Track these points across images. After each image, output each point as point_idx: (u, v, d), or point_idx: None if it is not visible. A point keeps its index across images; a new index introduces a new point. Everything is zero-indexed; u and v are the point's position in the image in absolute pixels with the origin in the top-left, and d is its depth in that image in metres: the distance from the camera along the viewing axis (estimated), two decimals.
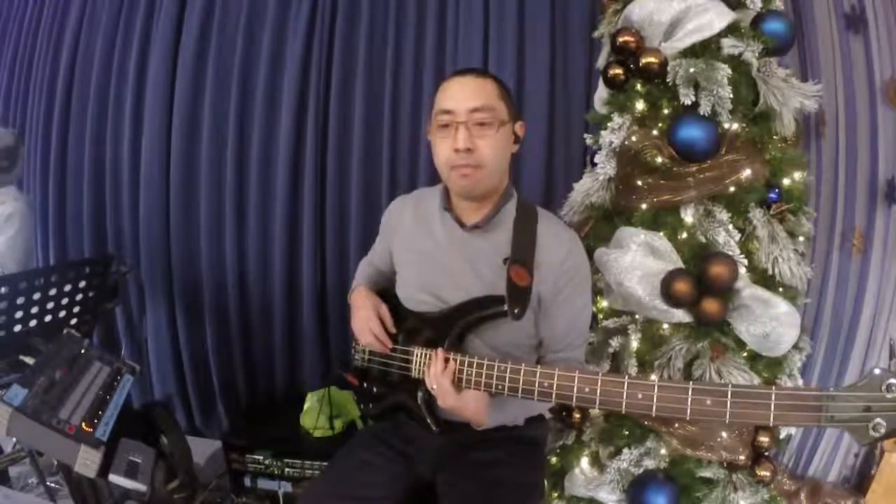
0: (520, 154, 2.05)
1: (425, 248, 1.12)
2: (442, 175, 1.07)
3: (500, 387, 0.93)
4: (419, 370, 1.05)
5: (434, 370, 0.98)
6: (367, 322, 1.12)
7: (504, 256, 1.03)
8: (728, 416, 0.70)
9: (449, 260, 1.09)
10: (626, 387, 0.78)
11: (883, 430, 0.60)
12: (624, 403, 0.78)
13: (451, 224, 1.09)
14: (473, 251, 1.07)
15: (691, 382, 0.74)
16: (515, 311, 0.99)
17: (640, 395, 0.77)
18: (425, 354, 1.04)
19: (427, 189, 1.22)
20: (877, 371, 0.62)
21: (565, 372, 0.87)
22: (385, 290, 1.20)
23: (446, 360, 0.98)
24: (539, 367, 0.90)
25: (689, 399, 0.72)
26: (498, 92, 1.03)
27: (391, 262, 1.22)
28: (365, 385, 1.21)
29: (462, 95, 1.01)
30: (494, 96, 1.02)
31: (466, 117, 0.99)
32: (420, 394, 1.06)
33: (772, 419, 0.67)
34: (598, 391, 0.81)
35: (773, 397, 0.66)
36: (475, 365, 0.96)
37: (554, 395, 0.87)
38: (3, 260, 1.80)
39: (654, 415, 0.77)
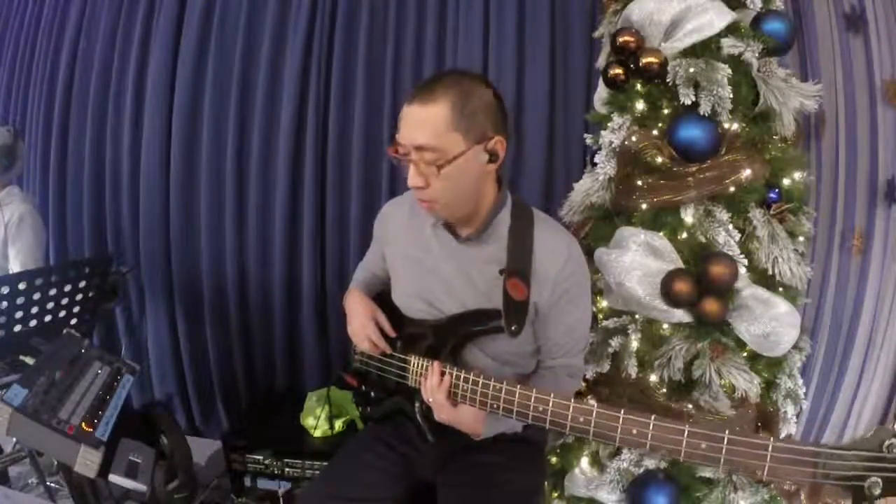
0: (520, 154, 2.07)
1: (419, 256, 1.10)
2: None
3: (494, 406, 0.92)
4: (415, 379, 1.04)
5: (430, 384, 0.97)
6: (363, 329, 1.11)
7: (499, 266, 1.00)
8: (722, 464, 0.70)
9: (443, 269, 1.07)
10: (620, 421, 0.77)
11: (878, 491, 0.59)
12: (618, 438, 0.78)
13: (445, 234, 1.06)
14: (468, 261, 1.05)
15: (687, 425, 0.72)
16: (513, 327, 0.97)
17: (634, 431, 0.76)
18: (421, 364, 1.03)
19: None
20: (881, 428, 0.60)
21: (561, 399, 0.86)
22: (382, 294, 1.20)
23: (441, 374, 0.97)
24: (535, 390, 0.88)
25: (685, 441, 0.71)
26: (451, 121, 0.91)
27: (386, 267, 1.21)
28: (364, 388, 1.20)
29: (408, 129, 0.94)
30: (443, 129, 0.91)
31: (414, 154, 0.94)
32: (417, 403, 1.06)
33: (765, 472, 0.66)
34: (593, 422, 0.80)
35: (769, 449, 0.65)
36: (471, 381, 0.94)
37: (548, 422, 0.86)
38: (27, 266, 1.78)
39: (647, 451, 0.77)
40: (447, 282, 1.06)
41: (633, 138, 1.37)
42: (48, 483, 1.74)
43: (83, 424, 1.06)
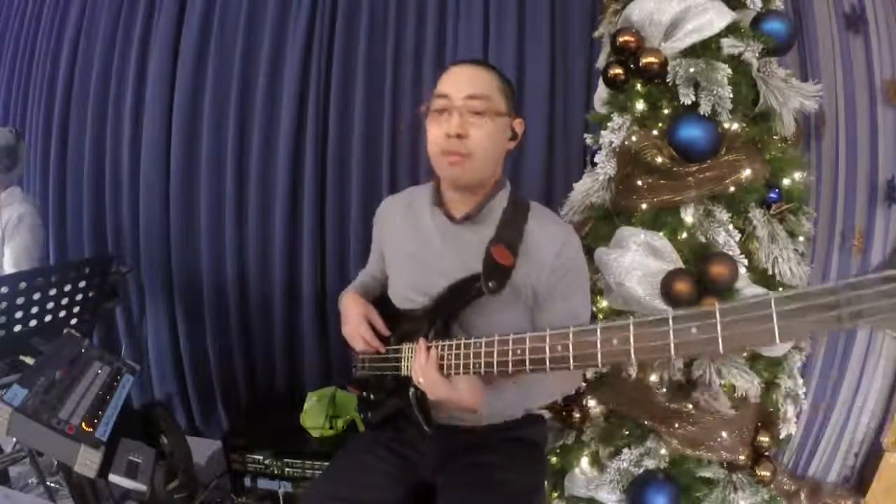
0: (520, 154, 2.07)
1: (415, 248, 1.11)
2: (432, 160, 1.05)
3: (477, 364, 0.90)
4: (408, 366, 1.04)
5: (419, 362, 0.95)
6: (356, 328, 1.11)
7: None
8: (721, 344, 0.58)
9: (439, 257, 1.07)
10: (598, 333, 0.71)
11: None
12: (599, 354, 0.70)
13: (441, 218, 1.08)
14: (463, 244, 1.06)
15: (671, 311, 0.64)
16: (490, 284, 0.97)
17: (615, 342, 0.69)
18: (411, 349, 1.03)
19: (417, 187, 1.20)
20: None
21: (537, 334, 0.83)
22: (381, 297, 1.19)
23: (427, 349, 0.96)
24: (511, 334, 0.87)
25: (672, 331, 0.62)
26: (498, 84, 1.02)
27: (384, 266, 1.21)
28: (364, 394, 1.20)
29: (460, 81, 1.00)
30: (493, 87, 1.01)
31: (461, 103, 0.98)
32: (411, 390, 1.04)
33: (777, 334, 0.54)
34: (571, 346, 0.75)
35: (772, 306, 0.54)
36: (454, 347, 0.93)
37: (527, 361, 0.83)
38: (21, 265, 1.79)
39: (634, 360, 0.70)
40: (444, 270, 1.06)
41: (633, 138, 1.37)
42: (48, 483, 1.74)
43: (83, 424, 1.06)
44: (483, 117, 0.98)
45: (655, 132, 1.37)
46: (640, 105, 1.40)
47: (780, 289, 1.35)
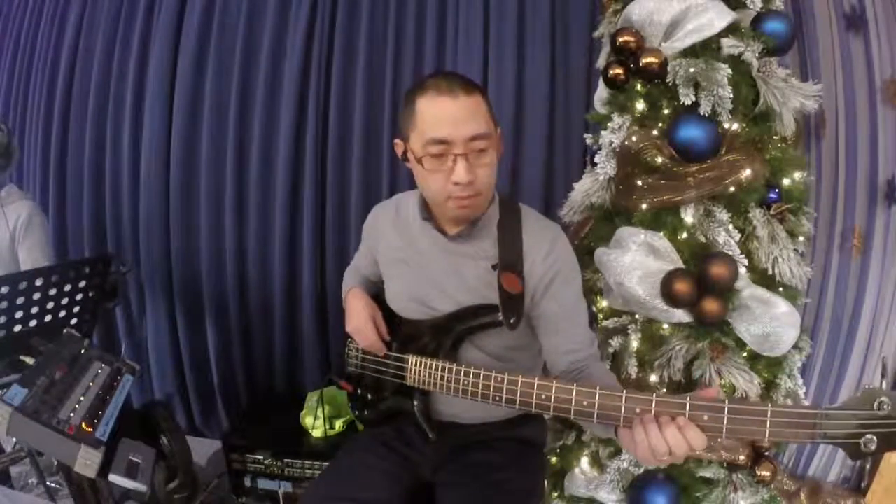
0: (520, 154, 2.07)
1: (410, 258, 1.10)
2: (432, 202, 1.02)
3: (497, 398, 0.90)
4: (414, 378, 1.04)
5: (684, 439, 0.72)
6: (362, 329, 1.12)
7: (490, 261, 1.01)
8: (724, 432, 0.70)
9: (434, 269, 1.07)
10: (623, 400, 0.77)
11: (874, 447, 0.62)
12: (622, 418, 0.77)
13: (434, 233, 1.06)
14: (459, 259, 1.05)
15: (688, 397, 0.73)
16: (511, 320, 0.96)
17: (637, 410, 0.76)
18: (419, 362, 1.03)
19: (405, 195, 1.19)
20: (869, 389, 0.64)
21: (563, 385, 0.83)
22: (377, 296, 1.20)
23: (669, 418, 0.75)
24: (537, 378, 0.86)
25: (687, 415, 0.72)
26: (486, 108, 0.95)
27: (378, 271, 1.21)
28: (359, 391, 1.20)
29: (458, 122, 0.91)
30: (486, 115, 0.95)
31: (465, 148, 0.91)
32: (416, 402, 1.05)
33: (767, 435, 0.67)
34: (596, 405, 0.79)
35: (768, 414, 0.67)
36: (472, 375, 0.92)
37: (552, 408, 0.84)
38: (40, 262, 1.78)
39: None
40: (439, 281, 1.06)
41: (633, 138, 1.37)
42: (48, 483, 1.74)
43: (83, 424, 1.05)
44: (486, 154, 0.94)
45: (655, 132, 1.37)
46: (640, 105, 1.40)
47: (781, 289, 1.35)
